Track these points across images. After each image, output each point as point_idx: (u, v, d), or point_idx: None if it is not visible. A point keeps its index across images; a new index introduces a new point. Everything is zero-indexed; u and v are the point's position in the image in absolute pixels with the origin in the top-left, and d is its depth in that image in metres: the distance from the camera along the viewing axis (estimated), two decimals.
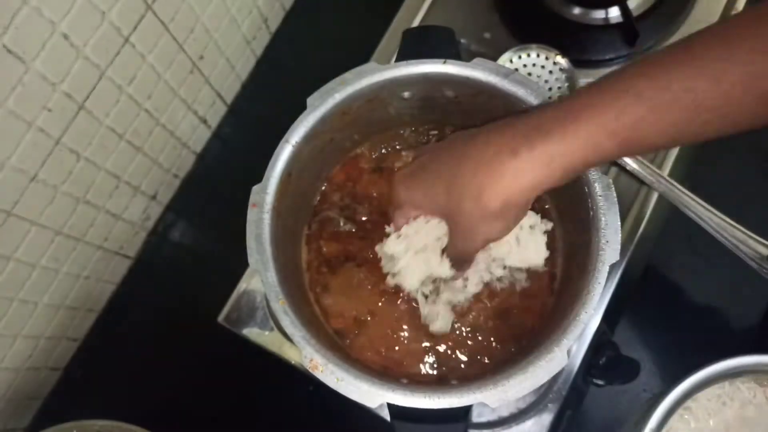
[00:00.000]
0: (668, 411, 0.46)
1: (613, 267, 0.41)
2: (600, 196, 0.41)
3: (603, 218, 0.40)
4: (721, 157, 0.65)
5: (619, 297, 0.56)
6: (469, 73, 0.44)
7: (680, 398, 0.46)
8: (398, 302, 0.48)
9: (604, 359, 0.55)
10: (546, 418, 0.54)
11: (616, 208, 0.40)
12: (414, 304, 0.48)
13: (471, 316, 0.48)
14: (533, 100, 0.43)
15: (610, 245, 0.40)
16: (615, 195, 0.41)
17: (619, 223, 0.40)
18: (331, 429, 0.62)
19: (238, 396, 0.65)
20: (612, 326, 0.61)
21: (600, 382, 0.56)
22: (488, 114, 0.48)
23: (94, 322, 0.68)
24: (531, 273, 0.48)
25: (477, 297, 0.48)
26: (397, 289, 0.48)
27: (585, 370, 0.56)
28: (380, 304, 0.48)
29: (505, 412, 0.55)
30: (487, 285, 0.48)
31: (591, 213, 0.41)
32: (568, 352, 0.39)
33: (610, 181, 0.41)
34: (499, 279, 0.48)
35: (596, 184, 0.41)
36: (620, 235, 0.40)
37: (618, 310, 0.60)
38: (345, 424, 0.61)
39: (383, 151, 0.53)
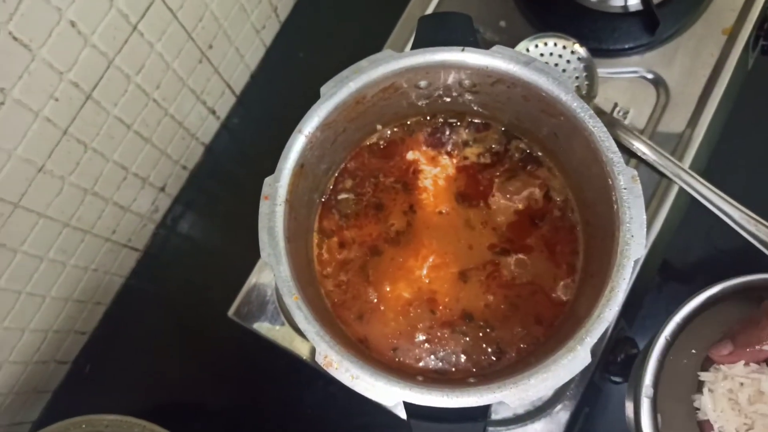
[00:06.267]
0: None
1: (634, 261, 0.39)
2: (624, 189, 0.39)
3: (628, 212, 0.39)
4: (742, 150, 0.64)
5: (636, 291, 0.55)
6: (489, 61, 0.43)
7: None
8: (413, 296, 0.47)
9: (622, 356, 0.54)
10: (563, 416, 0.53)
11: (641, 202, 0.39)
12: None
13: (487, 313, 0.47)
14: (554, 89, 0.42)
15: (635, 240, 0.38)
16: (640, 188, 0.39)
17: (645, 216, 0.39)
18: (343, 425, 0.62)
19: (248, 391, 0.64)
20: (629, 322, 0.60)
21: (618, 380, 0.55)
22: (507, 104, 0.46)
23: (102, 315, 0.68)
24: (547, 269, 0.47)
25: (492, 293, 0.47)
26: (412, 282, 0.46)
27: (603, 367, 0.55)
28: (394, 297, 0.47)
29: (520, 410, 0.54)
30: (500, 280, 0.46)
31: (615, 206, 0.39)
32: (592, 350, 0.38)
33: (636, 173, 0.40)
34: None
35: (620, 177, 0.40)
36: (645, 229, 0.39)
37: (635, 304, 0.59)
38: (357, 421, 0.60)
39: (398, 139, 0.51)
